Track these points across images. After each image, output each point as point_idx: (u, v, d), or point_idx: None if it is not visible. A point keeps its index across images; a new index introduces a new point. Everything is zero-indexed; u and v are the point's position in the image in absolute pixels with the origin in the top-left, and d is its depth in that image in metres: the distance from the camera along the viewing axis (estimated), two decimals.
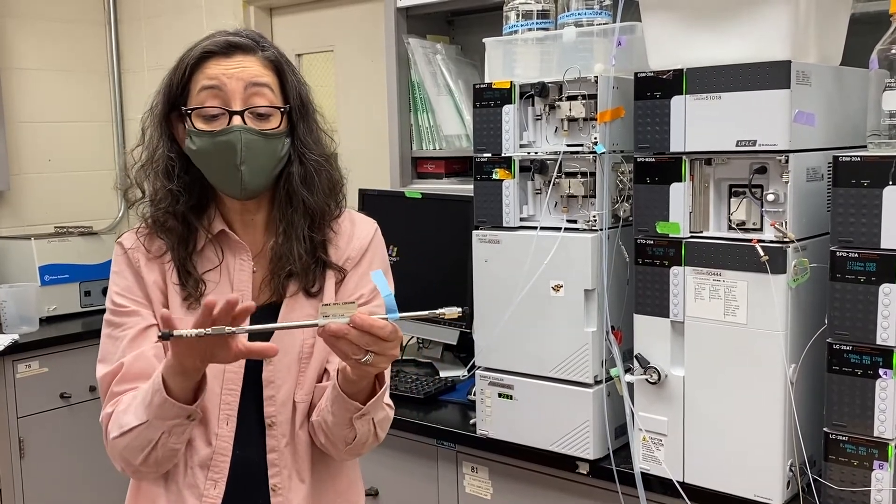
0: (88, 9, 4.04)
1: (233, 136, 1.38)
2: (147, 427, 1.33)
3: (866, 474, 1.55)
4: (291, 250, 1.45)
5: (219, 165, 1.41)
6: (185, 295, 1.45)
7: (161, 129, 1.46)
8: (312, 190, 1.46)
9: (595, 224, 1.85)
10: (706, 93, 1.66)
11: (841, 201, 1.54)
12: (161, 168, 1.44)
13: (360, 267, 1.53)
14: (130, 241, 1.50)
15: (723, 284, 1.68)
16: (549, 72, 1.94)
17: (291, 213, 1.46)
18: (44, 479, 3.29)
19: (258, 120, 1.41)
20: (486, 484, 2.13)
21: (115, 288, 1.49)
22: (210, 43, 1.42)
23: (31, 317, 3.33)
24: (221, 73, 1.39)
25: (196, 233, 1.47)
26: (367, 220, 1.59)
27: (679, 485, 1.76)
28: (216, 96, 1.39)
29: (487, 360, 2.04)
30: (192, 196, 1.46)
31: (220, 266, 1.47)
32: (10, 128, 3.76)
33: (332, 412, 1.40)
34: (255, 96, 1.40)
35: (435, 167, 2.81)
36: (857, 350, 1.54)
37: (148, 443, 1.35)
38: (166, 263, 1.47)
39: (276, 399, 1.46)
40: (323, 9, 3.45)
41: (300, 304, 1.48)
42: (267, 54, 1.44)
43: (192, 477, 1.45)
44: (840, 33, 1.81)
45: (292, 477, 1.48)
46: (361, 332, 1.19)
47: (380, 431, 1.45)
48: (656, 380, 1.77)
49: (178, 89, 1.43)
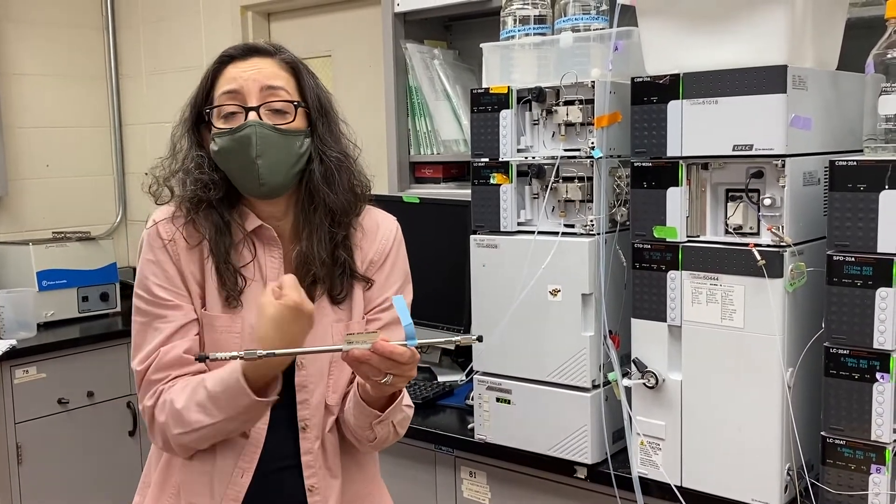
0: (86, 14, 4.04)
1: (248, 131, 1.42)
2: (226, 422, 1.38)
3: (864, 478, 1.55)
4: (313, 253, 1.48)
5: (237, 162, 1.44)
6: (225, 294, 1.47)
7: (190, 137, 1.50)
8: (333, 187, 1.49)
9: (592, 228, 1.86)
10: (703, 97, 1.67)
11: (837, 205, 1.55)
12: (192, 165, 1.48)
13: (384, 270, 1.57)
14: (168, 232, 1.49)
15: (720, 289, 1.68)
16: (546, 77, 1.95)
17: (313, 211, 1.49)
18: (41, 485, 3.28)
19: (274, 115, 1.45)
20: (485, 489, 2.13)
21: (153, 279, 1.47)
22: (230, 48, 1.49)
23: (28, 322, 3.33)
24: (239, 75, 1.45)
25: (230, 225, 1.49)
26: (389, 218, 1.63)
27: (677, 489, 1.76)
28: (234, 97, 1.44)
29: (485, 365, 2.04)
30: (221, 190, 1.48)
31: (253, 261, 1.50)
32: (9, 133, 3.76)
33: (353, 415, 1.48)
34: (271, 96, 1.45)
35: (433, 172, 2.81)
36: (854, 354, 1.54)
37: (225, 433, 1.42)
38: (205, 258, 1.48)
39: (310, 403, 1.50)
40: (321, 14, 3.45)
41: (325, 312, 1.51)
42: (284, 57, 1.50)
43: (223, 462, 1.47)
44: (836, 38, 1.82)
45: (326, 476, 1.53)
46: (382, 358, 1.28)
47: (400, 429, 1.53)
48: (654, 384, 1.77)
49: (203, 97, 1.49)
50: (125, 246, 4.19)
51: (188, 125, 1.50)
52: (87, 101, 4.06)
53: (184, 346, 1.45)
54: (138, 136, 4.08)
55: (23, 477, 3.23)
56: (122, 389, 3.51)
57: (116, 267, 3.74)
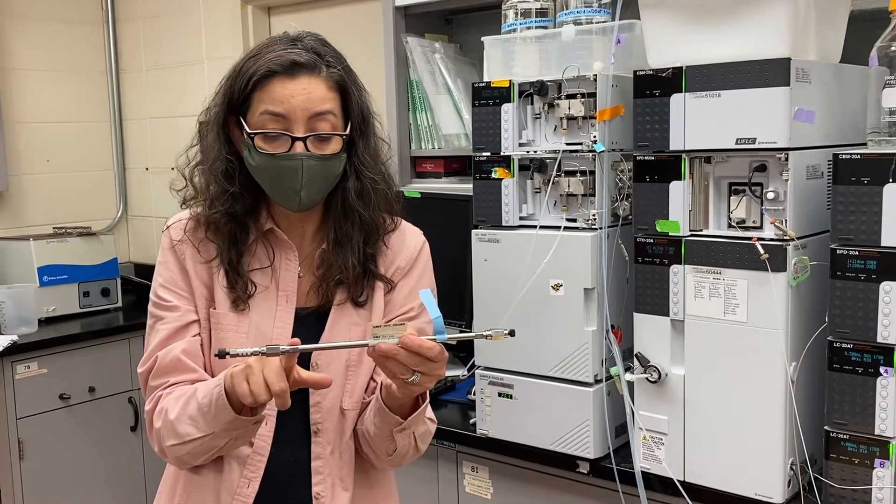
0: (86, 9, 4.03)
1: (295, 164, 1.37)
2: (213, 437, 1.34)
3: (867, 472, 1.55)
4: (345, 260, 1.45)
5: (278, 185, 1.41)
6: (233, 297, 1.45)
7: (219, 132, 1.44)
8: (369, 205, 1.46)
9: (595, 223, 1.85)
10: (706, 91, 1.66)
11: (841, 199, 1.54)
12: (221, 170, 1.43)
13: (410, 278, 1.53)
14: (178, 234, 1.48)
15: (723, 283, 1.68)
16: (548, 70, 1.94)
17: (348, 226, 1.46)
18: (43, 481, 3.28)
19: (319, 142, 1.39)
20: (487, 483, 2.13)
21: (159, 279, 1.48)
22: (274, 59, 1.38)
23: (30, 318, 3.32)
24: (287, 98, 1.36)
25: (247, 230, 1.47)
26: (414, 230, 1.59)
27: (680, 483, 1.76)
28: (279, 121, 1.37)
29: (487, 360, 2.04)
30: (249, 196, 1.45)
31: (268, 266, 1.47)
32: (9, 128, 3.75)
33: (374, 423, 1.42)
34: (318, 122, 1.39)
35: (434, 166, 2.81)
36: (857, 348, 1.54)
37: (213, 449, 1.37)
38: (214, 268, 1.46)
39: (323, 406, 1.46)
40: (321, 8, 3.44)
41: (347, 313, 1.48)
42: (332, 73, 1.41)
43: (229, 473, 1.45)
44: (840, 30, 1.81)
45: (336, 486, 1.48)
46: (410, 353, 1.23)
47: (421, 444, 1.47)
48: (656, 378, 1.77)
49: (239, 99, 1.41)
50: (126, 241, 4.19)
51: (218, 121, 1.43)
52: (87, 96, 4.05)
53: (181, 348, 1.43)
54: (139, 131, 4.07)
55: (24, 472, 3.23)
56: (124, 385, 3.51)
57: (117, 262, 3.74)
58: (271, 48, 1.41)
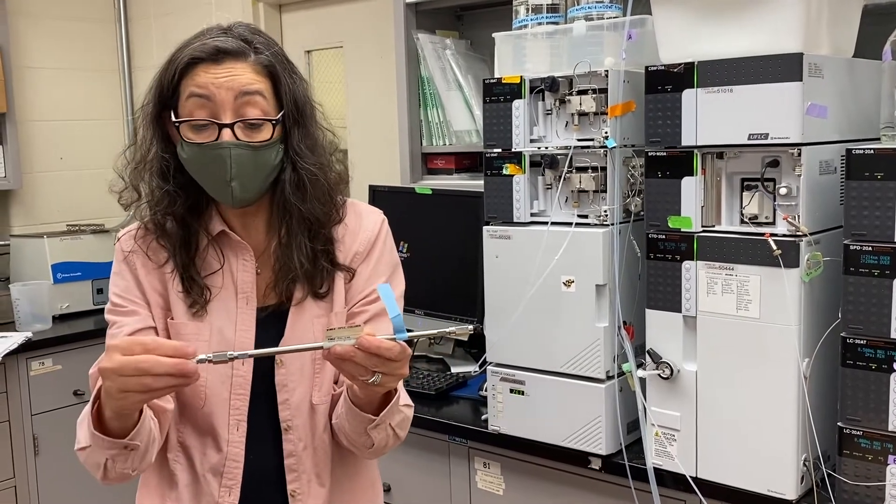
0: (99, 7, 4.05)
1: (223, 152, 1.33)
2: (92, 451, 1.28)
3: (881, 469, 1.54)
4: (292, 258, 1.41)
5: (209, 178, 1.37)
6: (190, 302, 1.42)
7: (154, 128, 1.40)
8: (305, 198, 1.40)
9: (606, 219, 1.85)
10: (717, 86, 1.65)
11: (854, 194, 1.53)
12: (156, 169, 1.40)
13: (369, 262, 1.49)
14: (128, 245, 1.46)
15: (735, 279, 1.67)
16: (559, 66, 1.94)
17: (289, 219, 1.41)
18: (58, 476, 3.30)
19: (249, 130, 1.35)
20: (499, 479, 2.13)
21: (114, 288, 1.46)
22: (198, 48, 1.35)
23: (44, 315, 3.35)
24: (210, 83, 1.33)
25: (196, 234, 1.44)
26: (373, 211, 1.54)
27: (692, 480, 1.75)
28: (204, 106, 1.33)
29: (499, 356, 2.04)
30: (189, 196, 1.42)
31: (222, 269, 1.44)
32: (23, 127, 3.77)
33: (347, 421, 1.39)
34: (246, 106, 1.34)
35: (445, 163, 2.81)
36: (871, 344, 1.53)
37: (97, 465, 1.30)
38: (167, 273, 1.43)
39: (291, 403, 1.43)
40: (332, 5, 3.44)
41: (308, 307, 1.45)
42: (260, 58, 1.36)
43: (206, 484, 1.43)
44: (853, 25, 1.80)
45: (311, 482, 1.46)
46: (368, 354, 1.15)
47: (400, 432, 1.41)
48: (669, 375, 1.77)
49: (169, 91, 1.37)
50: None
51: (151, 117, 1.39)
52: (100, 94, 4.07)
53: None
54: None
55: (39, 468, 3.26)
56: None
57: None
58: (199, 38, 1.38)
